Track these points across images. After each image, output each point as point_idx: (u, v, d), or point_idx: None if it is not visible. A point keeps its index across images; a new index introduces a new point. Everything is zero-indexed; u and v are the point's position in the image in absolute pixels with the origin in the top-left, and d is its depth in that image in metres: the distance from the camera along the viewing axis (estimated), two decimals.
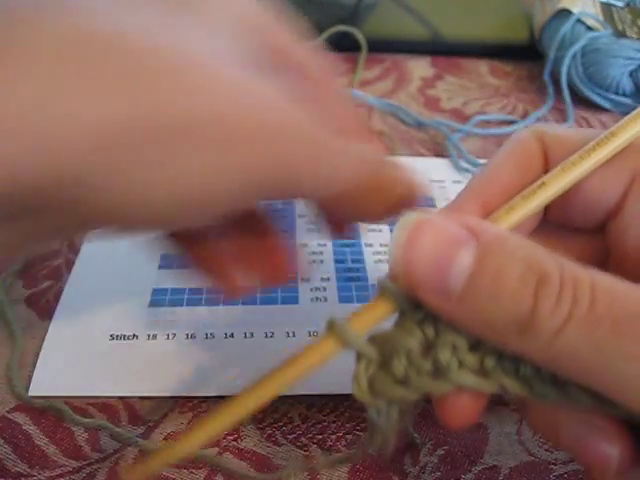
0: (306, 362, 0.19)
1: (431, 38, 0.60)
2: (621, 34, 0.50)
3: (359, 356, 0.18)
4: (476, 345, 0.18)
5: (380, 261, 0.35)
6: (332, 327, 0.18)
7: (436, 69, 0.57)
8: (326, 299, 0.33)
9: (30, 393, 0.28)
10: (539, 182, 0.19)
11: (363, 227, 0.37)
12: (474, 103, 0.52)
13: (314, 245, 0.36)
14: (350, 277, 0.34)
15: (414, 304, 0.18)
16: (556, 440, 0.19)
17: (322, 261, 0.35)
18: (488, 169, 0.21)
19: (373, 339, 0.19)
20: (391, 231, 0.37)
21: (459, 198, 0.21)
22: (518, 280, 0.16)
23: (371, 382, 0.18)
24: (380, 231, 0.37)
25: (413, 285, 0.17)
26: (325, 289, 0.33)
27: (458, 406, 0.18)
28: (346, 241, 0.36)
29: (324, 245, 0.36)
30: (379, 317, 0.18)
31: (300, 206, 0.39)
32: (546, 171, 0.20)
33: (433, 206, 0.39)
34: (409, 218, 0.17)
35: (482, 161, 0.44)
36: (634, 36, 0.50)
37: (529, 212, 0.19)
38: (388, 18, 0.62)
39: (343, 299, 0.33)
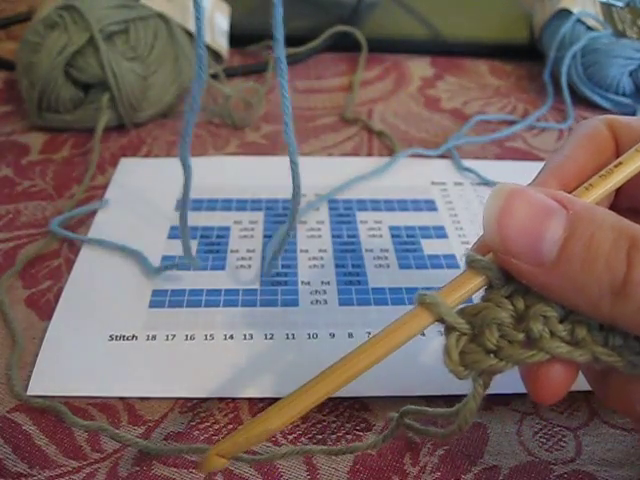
0: (398, 336, 0.19)
1: (431, 38, 0.60)
2: (621, 34, 0.50)
3: (449, 329, 0.19)
4: (566, 317, 0.18)
5: (380, 266, 0.35)
6: (424, 301, 0.18)
7: (436, 69, 0.57)
8: (326, 302, 0.33)
9: (29, 393, 0.28)
10: (616, 162, 0.20)
11: (363, 233, 0.37)
12: (474, 103, 0.52)
13: (315, 250, 0.36)
14: (350, 281, 0.34)
15: (503, 277, 0.18)
16: (635, 414, 0.19)
17: (323, 265, 0.35)
18: (563, 152, 0.22)
19: (462, 312, 0.19)
20: (392, 236, 0.37)
21: (539, 177, 0.21)
22: (610, 246, 0.17)
23: (462, 354, 0.18)
24: (381, 237, 0.37)
25: (507, 254, 0.18)
26: (325, 292, 0.33)
27: (550, 378, 0.18)
28: (347, 247, 0.36)
29: (325, 251, 0.36)
30: (469, 291, 0.19)
31: (301, 212, 0.39)
32: (617, 155, 0.21)
33: (434, 209, 0.39)
34: (502, 188, 0.18)
35: (482, 162, 0.44)
36: (634, 36, 0.50)
37: (607, 191, 0.20)
38: (388, 18, 0.62)
39: (343, 302, 0.33)
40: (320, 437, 0.27)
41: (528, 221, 0.18)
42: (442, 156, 0.45)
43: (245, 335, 0.31)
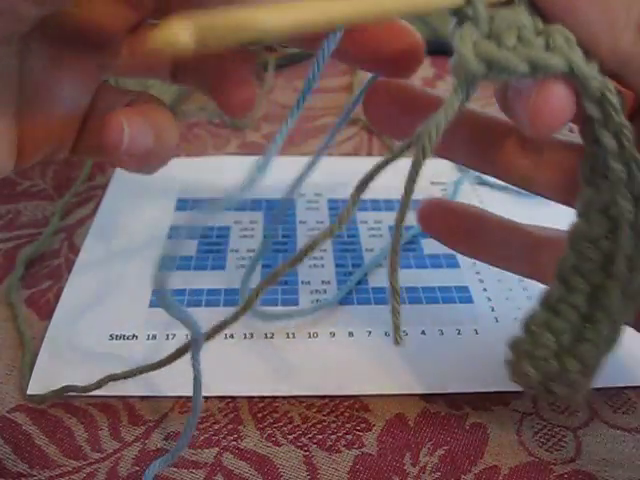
0: None
1: (431, 38, 0.59)
2: None
3: (461, 22, 0.18)
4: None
5: (381, 265, 0.35)
6: None
7: (436, 69, 0.57)
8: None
9: (29, 393, 0.28)
10: None
11: (364, 233, 0.38)
12: (474, 103, 0.52)
13: (315, 251, 0.36)
14: (350, 280, 0.34)
15: None
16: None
17: (323, 265, 0.35)
18: None
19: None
20: (392, 236, 0.37)
21: None
22: None
23: (476, 45, 0.17)
24: (381, 237, 0.37)
25: None
26: (325, 291, 0.33)
27: (555, 97, 0.17)
28: (346, 246, 0.36)
29: (325, 250, 0.36)
30: None
31: (301, 212, 0.39)
32: None
33: None
34: None
35: None
36: None
37: None
38: None
39: (343, 301, 0.33)
40: (320, 437, 0.27)
41: None
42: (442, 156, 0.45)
43: (245, 334, 0.31)
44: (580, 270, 0.21)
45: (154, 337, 0.30)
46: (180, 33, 0.13)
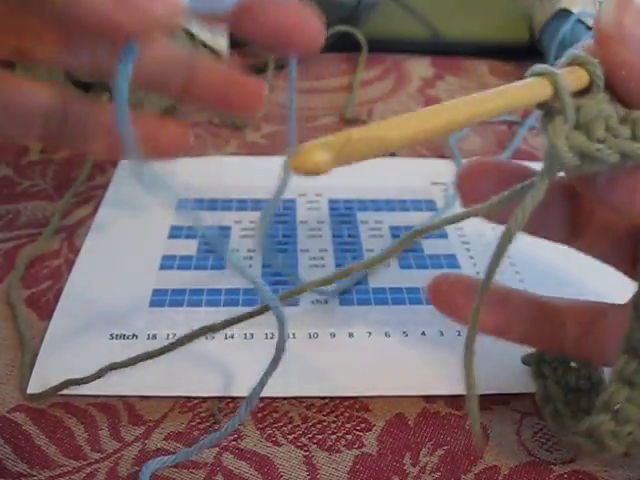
0: (513, 95, 0.18)
1: (431, 38, 0.60)
2: None
3: (552, 114, 0.18)
4: None
5: (381, 266, 0.35)
6: (544, 72, 0.18)
7: (436, 69, 0.57)
8: (327, 301, 0.33)
9: (29, 393, 0.28)
10: None
11: (364, 233, 0.38)
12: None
13: (315, 250, 0.36)
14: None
15: (603, 79, 0.18)
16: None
17: (323, 265, 0.35)
18: None
19: None
20: (393, 236, 0.37)
21: None
22: None
23: (567, 138, 0.18)
24: (382, 237, 0.37)
25: (620, 37, 0.18)
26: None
27: None
28: (347, 246, 0.36)
29: (325, 250, 0.36)
30: (573, 84, 0.18)
31: (301, 212, 0.39)
32: None
33: (435, 209, 0.39)
34: None
35: None
36: None
37: None
38: (388, 18, 0.62)
39: (344, 301, 0.33)
40: (320, 437, 0.27)
41: None
42: (442, 156, 0.45)
43: (246, 335, 0.31)
44: None
45: (154, 337, 0.30)
46: (322, 159, 0.15)
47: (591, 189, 0.20)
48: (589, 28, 0.50)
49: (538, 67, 0.18)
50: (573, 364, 0.26)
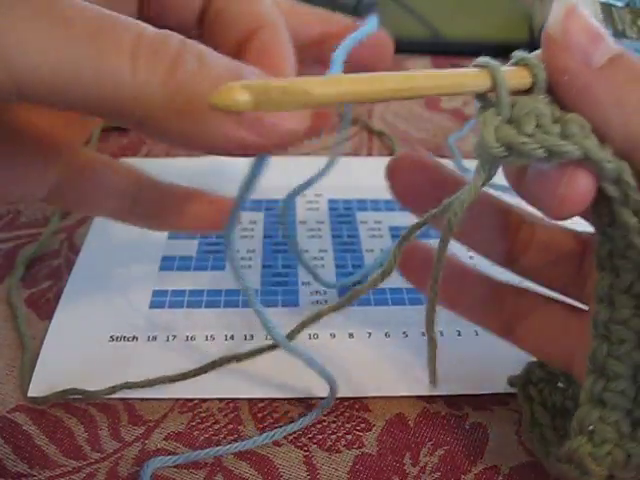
0: (451, 79, 0.19)
1: (431, 38, 0.60)
2: (621, 34, 0.50)
3: (485, 106, 0.19)
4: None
5: (381, 265, 0.35)
6: (485, 65, 0.19)
7: (436, 69, 0.57)
8: (326, 302, 0.33)
9: (30, 393, 0.28)
10: None
11: (364, 233, 0.37)
12: (474, 103, 0.52)
13: (315, 250, 0.36)
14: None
15: (546, 83, 0.19)
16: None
17: (323, 266, 0.35)
18: None
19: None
20: (392, 237, 0.37)
21: None
22: None
23: (497, 130, 0.18)
24: (381, 237, 0.37)
25: (564, 44, 0.19)
26: (325, 292, 0.33)
27: (575, 184, 0.18)
28: (347, 247, 0.36)
29: (325, 251, 0.36)
30: (515, 85, 0.19)
31: (301, 212, 0.39)
32: None
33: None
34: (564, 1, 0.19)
35: None
36: (634, 36, 0.50)
37: None
38: (388, 18, 0.62)
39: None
40: (320, 437, 0.27)
41: (591, 25, 0.19)
42: (442, 156, 0.45)
43: (246, 335, 0.31)
44: (615, 355, 0.21)
45: (154, 338, 0.30)
46: (241, 98, 0.16)
47: (521, 185, 0.20)
48: None
49: (481, 59, 0.19)
50: (560, 384, 0.25)
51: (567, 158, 0.18)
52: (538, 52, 0.20)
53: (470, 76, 0.19)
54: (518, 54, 0.20)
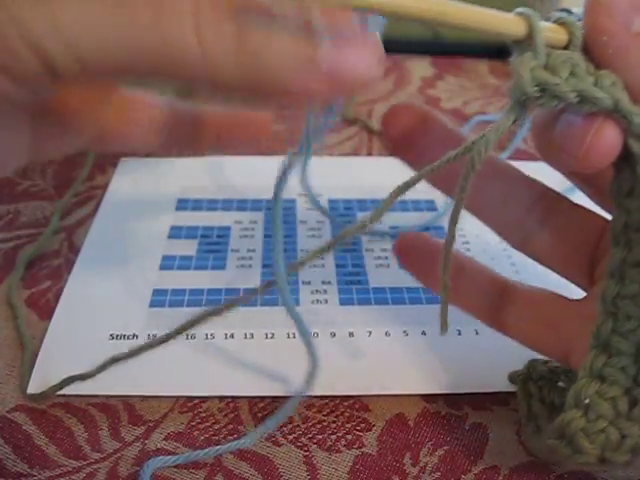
0: (490, 17, 0.18)
1: (431, 38, 0.60)
2: None
3: (524, 50, 0.19)
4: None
5: (381, 266, 0.35)
6: (524, 13, 0.19)
7: (436, 69, 0.57)
8: (327, 301, 0.33)
9: (29, 393, 0.28)
10: None
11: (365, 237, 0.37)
12: (474, 103, 0.52)
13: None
14: (351, 281, 0.34)
15: (582, 42, 0.19)
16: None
17: (323, 265, 0.35)
18: None
19: None
20: (391, 237, 0.37)
21: None
22: None
23: (532, 71, 0.18)
24: (381, 237, 0.37)
25: (607, 8, 0.19)
26: (326, 292, 0.33)
27: (603, 134, 0.18)
28: (347, 247, 0.36)
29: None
30: (552, 36, 0.19)
31: (301, 212, 0.39)
32: None
33: (434, 209, 0.39)
34: None
35: None
36: None
37: None
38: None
39: (344, 301, 0.33)
40: (320, 437, 0.27)
41: None
42: None
43: (246, 334, 0.31)
44: (620, 331, 0.21)
45: (154, 337, 0.30)
46: None
47: (546, 139, 0.20)
48: None
49: (521, 9, 0.19)
50: (560, 383, 0.25)
51: (598, 106, 0.18)
52: (579, 10, 0.20)
53: (509, 19, 0.19)
54: (557, 13, 0.20)
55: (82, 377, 0.27)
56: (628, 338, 0.21)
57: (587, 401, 0.21)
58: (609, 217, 0.22)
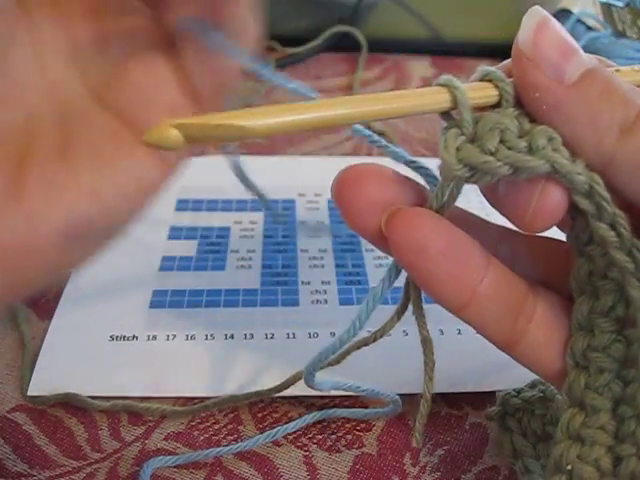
0: (409, 100, 0.18)
1: (431, 38, 0.60)
2: (621, 34, 0.50)
3: (449, 125, 0.19)
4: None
5: (381, 266, 0.35)
6: (446, 82, 0.18)
7: (436, 69, 0.57)
8: (326, 301, 0.33)
9: (30, 393, 0.28)
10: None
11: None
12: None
13: (315, 250, 0.36)
14: (350, 280, 0.34)
15: (514, 98, 0.19)
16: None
17: (323, 265, 0.35)
18: None
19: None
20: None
21: None
22: (629, 87, 0.18)
23: (459, 150, 0.18)
24: None
25: (534, 59, 0.18)
26: (325, 292, 0.33)
27: (547, 197, 0.18)
28: (347, 247, 0.36)
29: (325, 251, 0.36)
30: (480, 101, 0.18)
31: (301, 212, 0.39)
32: None
33: None
34: (538, 11, 0.19)
35: None
36: (634, 36, 0.50)
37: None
38: (388, 18, 0.62)
39: (343, 301, 0.33)
40: (320, 437, 0.27)
41: (562, 39, 0.18)
42: None
43: (246, 335, 0.31)
44: (594, 387, 0.20)
45: (154, 338, 0.30)
46: (174, 138, 0.16)
47: (494, 197, 0.20)
48: (589, 28, 0.50)
49: (443, 78, 0.18)
50: (537, 411, 0.24)
51: (535, 172, 0.17)
52: (507, 62, 0.19)
53: (429, 95, 0.18)
54: (483, 69, 0.19)
55: (85, 403, 0.27)
56: (603, 394, 0.19)
57: (569, 467, 0.19)
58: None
